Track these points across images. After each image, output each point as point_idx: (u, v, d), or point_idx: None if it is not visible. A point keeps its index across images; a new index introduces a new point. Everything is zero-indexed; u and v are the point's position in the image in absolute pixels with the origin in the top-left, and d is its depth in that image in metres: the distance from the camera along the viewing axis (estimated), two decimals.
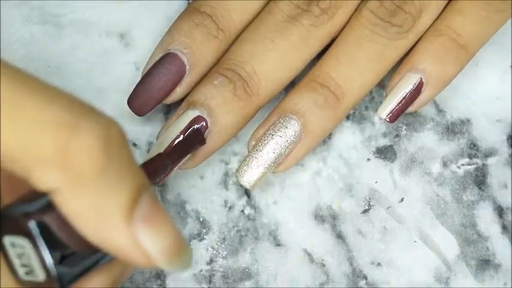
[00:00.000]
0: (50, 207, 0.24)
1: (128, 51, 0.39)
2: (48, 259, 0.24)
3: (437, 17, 0.36)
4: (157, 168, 0.33)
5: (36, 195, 0.24)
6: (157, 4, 0.39)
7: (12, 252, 0.25)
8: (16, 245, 0.24)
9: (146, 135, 0.38)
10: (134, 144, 0.38)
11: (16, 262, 0.25)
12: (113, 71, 0.39)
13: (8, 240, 0.24)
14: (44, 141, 0.23)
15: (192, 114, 0.35)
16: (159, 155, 0.33)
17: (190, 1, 0.39)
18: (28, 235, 0.24)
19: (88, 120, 0.24)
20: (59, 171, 0.23)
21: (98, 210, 0.24)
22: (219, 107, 0.35)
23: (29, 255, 0.24)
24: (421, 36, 0.36)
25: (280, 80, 0.36)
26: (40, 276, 0.25)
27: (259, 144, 0.35)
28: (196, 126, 0.35)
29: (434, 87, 0.36)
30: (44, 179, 0.23)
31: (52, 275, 0.24)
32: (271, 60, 0.35)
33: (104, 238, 0.24)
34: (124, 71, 0.39)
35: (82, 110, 0.24)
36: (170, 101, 0.36)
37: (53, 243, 0.25)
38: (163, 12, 0.39)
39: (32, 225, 0.24)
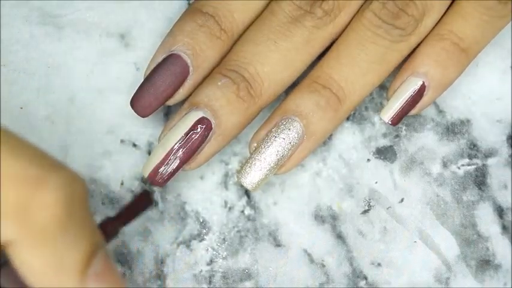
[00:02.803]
0: (6, 263, 0.24)
1: (128, 51, 0.39)
2: None
3: (439, 20, 0.36)
4: (107, 235, 0.32)
5: None
6: (157, 4, 0.39)
7: None
8: None
9: (146, 135, 0.38)
10: (134, 145, 0.38)
11: None
12: (113, 71, 0.39)
13: None
14: (6, 194, 0.23)
15: (195, 115, 0.35)
16: (107, 221, 0.32)
17: (190, 1, 0.39)
18: None
19: (54, 174, 0.24)
20: (18, 224, 0.23)
21: (54, 265, 0.24)
22: (223, 109, 0.35)
23: None
24: (423, 39, 0.36)
25: (283, 81, 0.36)
26: None
27: (262, 146, 0.35)
28: (199, 126, 0.35)
29: (436, 90, 0.36)
30: (1, 230, 0.24)
31: None
32: (274, 61, 0.35)
33: None
34: (124, 72, 0.39)
35: (48, 164, 0.24)
36: (173, 102, 0.36)
37: None
38: (163, 12, 0.39)
39: None
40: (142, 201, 0.34)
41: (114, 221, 0.32)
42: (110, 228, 0.32)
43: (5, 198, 0.23)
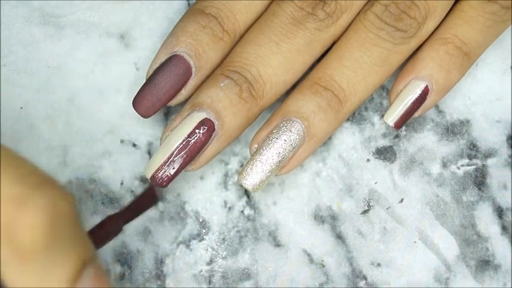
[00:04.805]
0: None
1: (128, 51, 0.39)
2: None
3: (440, 23, 0.36)
4: (110, 231, 0.32)
5: None
6: (157, 4, 0.39)
7: None
8: None
9: (146, 135, 0.38)
10: (134, 145, 0.38)
11: None
12: (113, 71, 0.39)
13: None
14: None
15: (198, 116, 0.35)
16: (111, 217, 0.32)
17: (190, 1, 0.39)
18: None
19: (37, 195, 0.24)
20: (3, 244, 0.23)
21: (39, 284, 0.24)
22: (226, 110, 0.35)
23: None
24: (424, 42, 0.36)
25: (284, 83, 0.36)
26: None
27: (263, 147, 0.35)
28: (202, 127, 0.34)
29: (439, 93, 0.36)
30: None
31: None
32: (276, 63, 0.35)
33: None
34: (124, 72, 0.39)
35: (33, 182, 0.24)
36: (174, 103, 0.36)
37: None
38: (163, 12, 0.39)
39: None
40: (147, 198, 0.34)
41: (117, 218, 0.32)
42: (113, 224, 0.32)
43: None
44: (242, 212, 0.38)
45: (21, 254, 0.24)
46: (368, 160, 0.39)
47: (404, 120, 0.37)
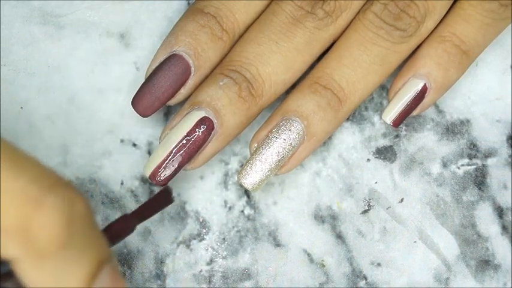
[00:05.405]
0: (12, 273, 0.25)
1: (128, 51, 0.39)
2: None
3: (440, 21, 0.36)
4: (123, 230, 0.32)
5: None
6: (157, 4, 0.39)
7: None
8: None
9: (146, 135, 0.38)
10: (134, 145, 0.38)
11: None
12: (113, 71, 0.39)
13: None
14: (7, 212, 0.24)
15: (197, 114, 0.35)
16: (125, 216, 0.32)
17: (190, 1, 0.39)
18: None
19: (53, 195, 0.24)
20: (20, 243, 0.24)
21: (55, 283, 0.25)
22: (225, 108, 0.35)
23: None
24: (424, 40, 0.36)
25: (284, 81, 0.36)
26: None
27: (263, 146, 0.35)
28: (202, 126, 0.35)
29: (437, 91, 0.36)
30: (5, 248, 0.24)
31: None
32: (275, 62, 0.35)
33: None
34: (124, 71, 0.39)
35: (49, 183, 0.24)
36: (174, 102, 0.36)
37: None
38: (163, 12, 0.39)
39: None
40: (161, 199, 0.34)
41: (130, 217, 0.32)
42: (125, 225, 0.32)
43: (6, 218, 0.24)
44: (242, 211, 0.38)
45: (38, 253, 0.24)
46: (368, 160, 0.39)
47: (403, 118, 0.37)
